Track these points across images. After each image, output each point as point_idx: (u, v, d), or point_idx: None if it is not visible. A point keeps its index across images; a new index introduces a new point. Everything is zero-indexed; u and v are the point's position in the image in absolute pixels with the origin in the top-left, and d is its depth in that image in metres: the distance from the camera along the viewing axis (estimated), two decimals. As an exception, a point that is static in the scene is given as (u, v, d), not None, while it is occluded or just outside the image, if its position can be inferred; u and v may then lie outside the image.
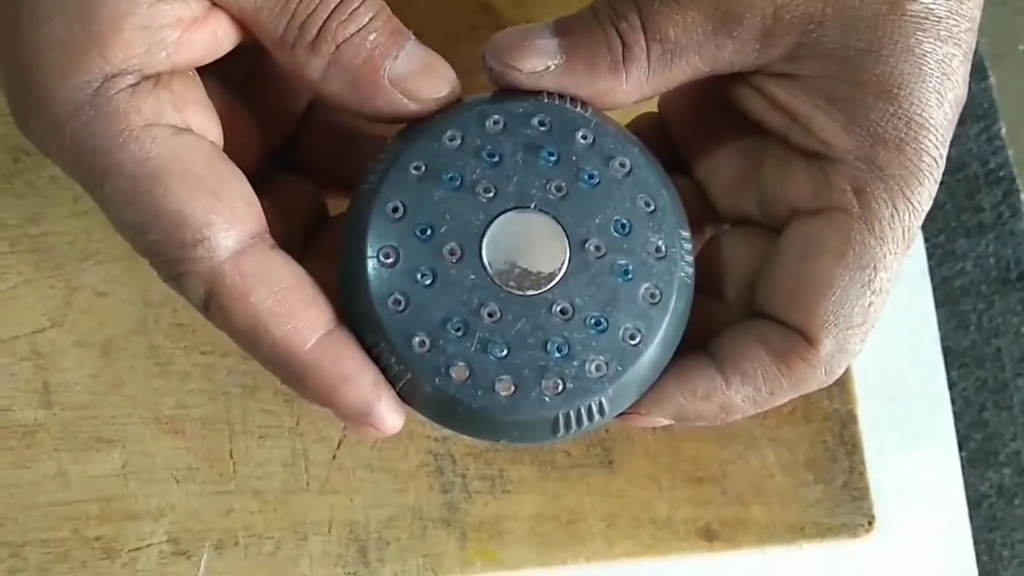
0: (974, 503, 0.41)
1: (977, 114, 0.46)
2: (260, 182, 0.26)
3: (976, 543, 0.40)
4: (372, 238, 0.25)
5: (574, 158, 0.26)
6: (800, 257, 0.26)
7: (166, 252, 0.24)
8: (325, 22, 0.24)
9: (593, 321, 0.26)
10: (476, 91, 0.27)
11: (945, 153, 0.25)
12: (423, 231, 0.25)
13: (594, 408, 0.26)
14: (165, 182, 0.23)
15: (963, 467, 0.40)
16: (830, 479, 0.35)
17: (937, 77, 0.24)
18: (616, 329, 0.26)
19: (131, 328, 0.34)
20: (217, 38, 0.24)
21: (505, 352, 0.25)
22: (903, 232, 0.25)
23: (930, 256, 0.42)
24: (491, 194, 0.26)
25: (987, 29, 0.46)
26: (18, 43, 0.23)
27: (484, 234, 0.26)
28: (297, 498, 0.34)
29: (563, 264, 0.26)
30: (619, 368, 0.25)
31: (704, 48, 0.25)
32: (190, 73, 0.25)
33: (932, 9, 0.24)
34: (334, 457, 0.34)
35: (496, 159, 0.26)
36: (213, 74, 0.26)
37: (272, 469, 0.34)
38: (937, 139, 0.25)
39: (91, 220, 0.34)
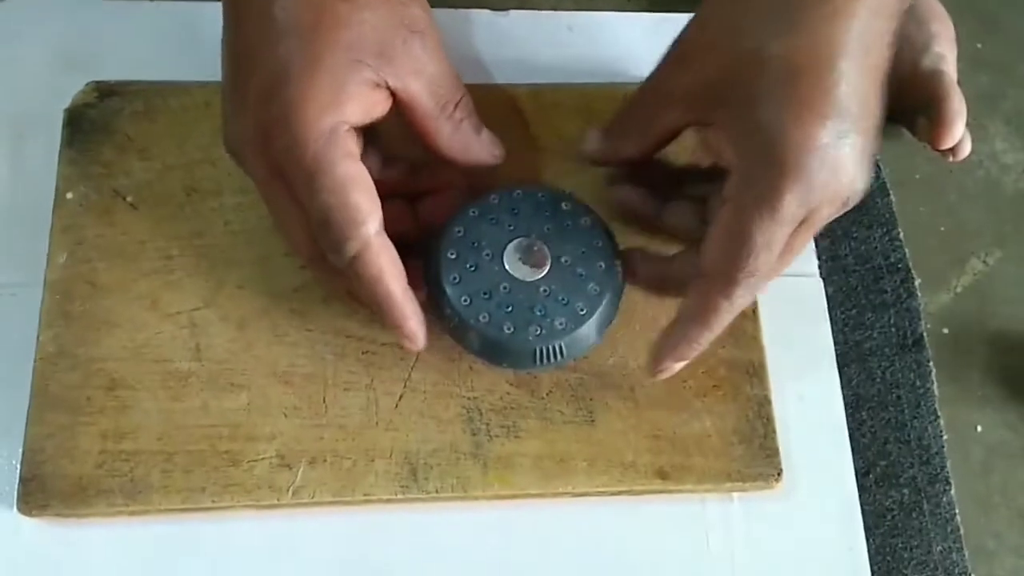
0: (880, 515, 0.48)
1: (880, 222, 0.56)
2: None
3: (881, 548, 0.47)
4: (445, 246, 0.41)
5: (559, 214, 0.42)
6: (710, 231, 0.38)
7: (343, 227, 0.37)
8: (455, 107, 0.40)
9: (561, 298, 0.41)
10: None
11: (811, 166, 0.35)
12: (473, 243, 0.41)
13: (557, 349, 0.40)
14: (352, 186, 0.37)
15: (870, 487, 0.48)
16: (750, 441, 0.44)
17: (793, 122, 0.35)
18: (574, 305, 0.41)
19: (260, 312, 0.45)
20: (384, 110, 0.39)
21: (510, 309, 0.41)
22: (771, 214, 0.35)
23: (845, 325, 0.52)
24: (511, 228, 0.42)
25: (889, 159, 0.58)
26: (278, 100, 0.36)
27: (506, 247, 0.41)
28: (369, 433, 0.43)
29: (546, 268, 0.41)
30: (572, 326, 0.41)
31: (665, 119, 0.40)
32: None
33: (792, 81, 0.35)
34: (396, 406, 0.44)
35: (516, 211, 0.42)
36: None
37: (352, 412, 0.43)
38: (795, 159, 0.35)
39: (237, 238, 0.46)
